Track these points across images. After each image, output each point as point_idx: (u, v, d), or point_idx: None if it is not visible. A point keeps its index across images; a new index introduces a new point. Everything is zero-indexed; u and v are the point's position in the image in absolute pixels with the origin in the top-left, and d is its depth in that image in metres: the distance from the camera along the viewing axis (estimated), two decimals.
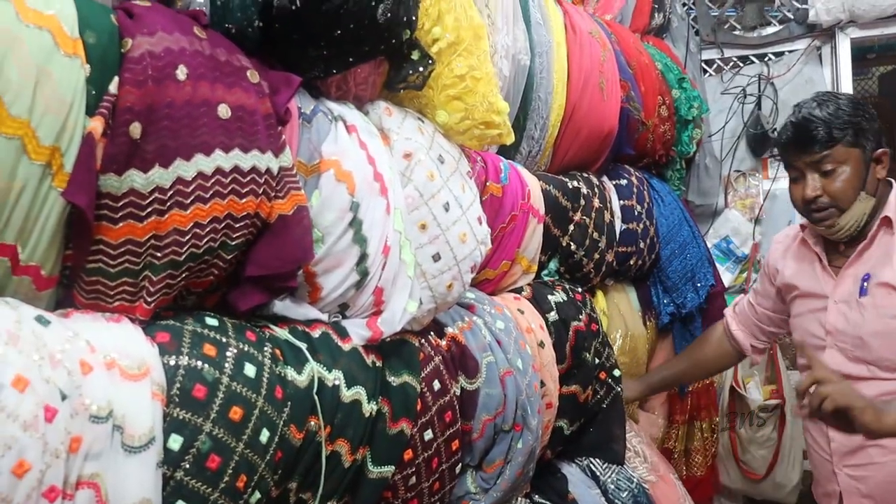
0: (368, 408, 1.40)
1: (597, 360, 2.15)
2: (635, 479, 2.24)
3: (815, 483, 2.20)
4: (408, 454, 1.50)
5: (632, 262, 2.63)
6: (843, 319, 1.96)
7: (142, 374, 1.13)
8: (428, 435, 1.53)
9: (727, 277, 3.50)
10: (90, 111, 1.09)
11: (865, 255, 1.99)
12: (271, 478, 1.24)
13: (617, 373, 2.28)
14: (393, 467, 1.47)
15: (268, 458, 1.22)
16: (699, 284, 2.93)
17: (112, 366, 1.11)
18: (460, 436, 1.61)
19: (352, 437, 1.38)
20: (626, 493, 2.17)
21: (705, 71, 3.83)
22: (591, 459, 2.19)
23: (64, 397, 1.04)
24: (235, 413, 1.19)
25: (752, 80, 3.72)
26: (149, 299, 1.20)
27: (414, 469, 1.52)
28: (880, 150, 2.02)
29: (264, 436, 1.21)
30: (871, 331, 1.91)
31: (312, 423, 1.31)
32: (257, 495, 1.21)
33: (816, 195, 1.99)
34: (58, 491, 1.02)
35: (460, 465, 1.65)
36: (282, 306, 1.41)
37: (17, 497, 0.97)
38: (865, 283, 1.93)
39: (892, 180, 2.08)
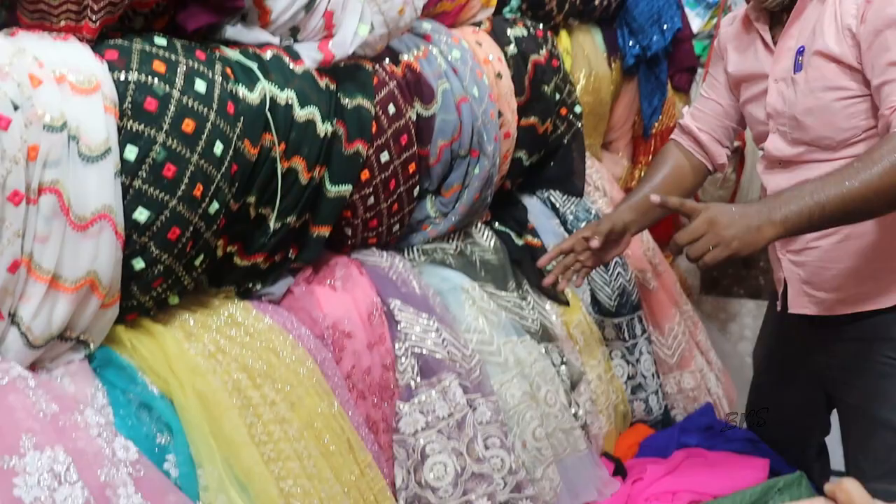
0: (323, 128, 1.43)
1: (557, 96, 2.17)
2: (594, 210, 2.32)
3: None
4: (365, 174, 1.55)
5: (597, 3, 2.58)
6: (781, 99, 1.74)
7: (92, 88, 1.14)
8: (384, 157, 1.57)
9: (696, 23, 3.43)
10: None
11: (798, 25, 1.74)
12: (229, 190, 1.29)
13: (578, 109, 2.30)
14: (350, 186, 1.52)
15: (223, 169, 1.26)
16: (665, 27, 2.89)
17: (62, 80, 1.12)
18: (417, 159, 1.66)
19: (307, 155, 1.41)
20: (585, 222, 2.25)
21: None
22: (552, 192, 2.26)
23: (16, 107, 1.06)
24: (188, 126, 1.21)
25: None
26: (94, 18, 1.19)
27: (371, 189, 1.57)
28: None
29: (218, 148, 1.24)
30: (804, 108, 1.69)
31: (267, 139, 1.34)
32: (216, 205, 1.26)
33: None
34: (21, 195, 1.06)
35: (418, 188, 1.70)
36: (233, 31, 1.40)
37: None
38: (800, 58, 1.71)
39: None
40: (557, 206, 2.24)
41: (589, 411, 2.04)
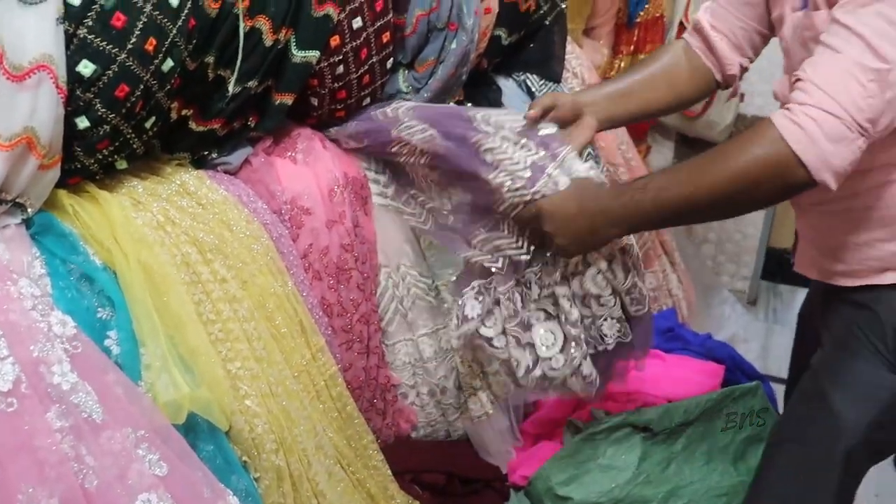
0: None
1: None
2: (565, 89, 2.23)
3: None
4: (335, 40, 1.44)
5: None
6: (791, 36, 1.38)
7: None
8: (357, 23, 1.46)
9: None
10: None
11: None
12: (185, 46, 1.18)
13: None
14: (318, 52, 1.42)
15: (180, 23, 1.15)
16: None
17: None
18: (392, 29, 1.55)
19: (273, 14, 1.31)
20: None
21: None
22: (528, 75, 2.16)
23: None
24: None
25: None
26: None
27: (341, 57, 1.47)
28: None
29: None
30: (799, 59, 1.29)
31: None
32: (170, 63, 1.16)
33: None
34: None
35: (391, 60, 1.60)
36: None
37: None
38: None
39: None
40: (533, 90, 2.15)
41: None
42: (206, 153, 1.41)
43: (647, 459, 1.71)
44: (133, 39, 1.10)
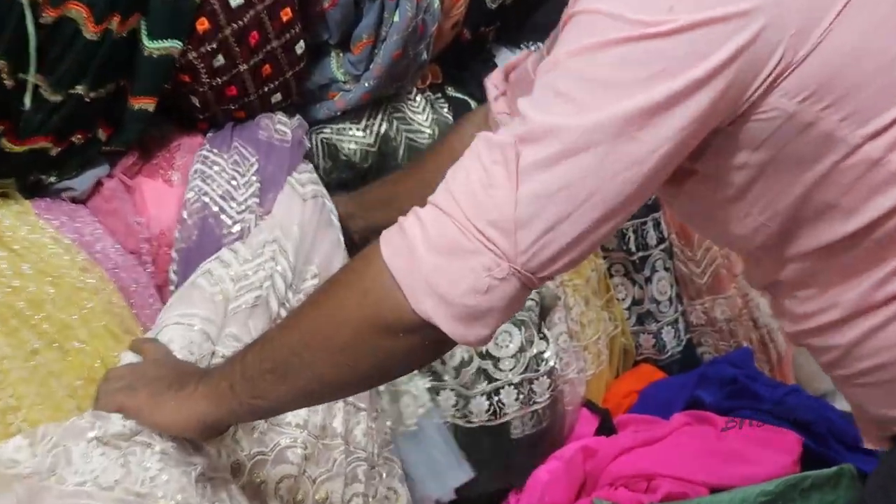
0: None
1: None
2: None
3: None
4: (202, 24, 1.30)
5: None
6: None
7: None
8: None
9: None
10: None
11: None
12: None
13: None
14: (179, 42, 1.28)
15: None
16: None
17: None
18: (294, 3, 1.37)
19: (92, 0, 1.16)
20: None
21: None
22: (541, 44, 1.94)
23: None
24: None
25: None
26: None
27: (216, 45, 1.31)
28: None
29: None
30: None
31: None
32: None
33: None
34: None
35: (303, 41, 1.43)
36: None
37: None
38: None
39: None
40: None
41: (563, 349, 1.79)
42: (42, 177, 1.28)
43: None
44: None
